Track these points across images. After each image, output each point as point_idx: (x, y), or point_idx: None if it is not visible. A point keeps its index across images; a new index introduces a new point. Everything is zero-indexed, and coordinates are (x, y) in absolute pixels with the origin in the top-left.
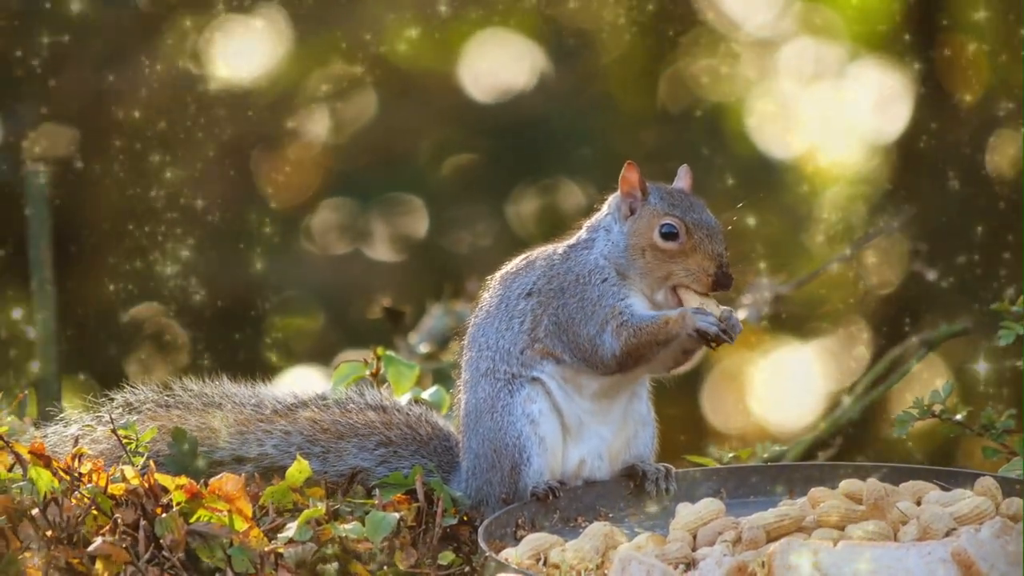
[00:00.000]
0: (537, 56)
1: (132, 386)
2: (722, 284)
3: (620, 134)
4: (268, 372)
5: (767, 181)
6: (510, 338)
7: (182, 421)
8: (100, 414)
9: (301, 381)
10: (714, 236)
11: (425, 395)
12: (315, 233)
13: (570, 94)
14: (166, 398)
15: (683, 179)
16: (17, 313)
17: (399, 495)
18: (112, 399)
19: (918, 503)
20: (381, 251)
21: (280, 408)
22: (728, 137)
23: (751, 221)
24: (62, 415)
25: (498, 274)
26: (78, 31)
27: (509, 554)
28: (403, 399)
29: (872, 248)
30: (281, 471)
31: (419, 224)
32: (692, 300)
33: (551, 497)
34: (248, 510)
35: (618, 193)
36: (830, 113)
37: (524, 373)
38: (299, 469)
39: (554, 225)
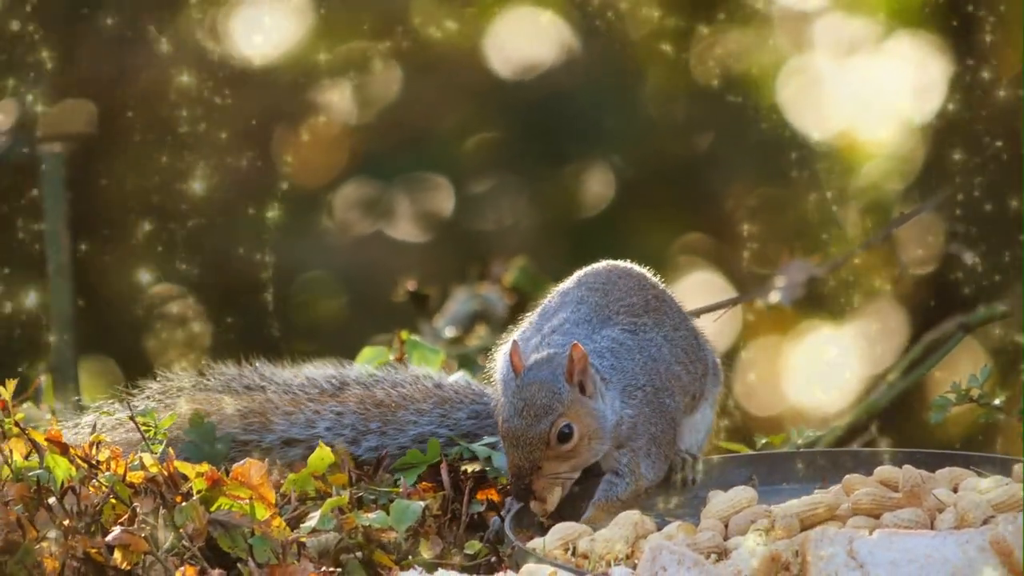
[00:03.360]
0: (564, 31)
1: (166, 373)
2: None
3: (650, 110)
4: (290, 355)
5: (800, 158)
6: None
7: (223, 404)
8: (131, 400)
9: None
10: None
11: (449, 381)
12: (338, 213)
13: (599, 70)
14: (205, 382)
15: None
16: (33, 297)
17: (425, 484)
18: (144, 387)
19: (955, 490)
20: (405, 232)
21: (328, 388)
22: (761, 113)
23: (784, 200)
24: (95, 404)
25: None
26: (94, 5)
27: (537, 543)
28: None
29: (908, 229)
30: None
31: (444, 204)
32: None
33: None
34: (271, 497)
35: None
36: (864, 89)
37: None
38: (321, 456)
39: (582, 204)
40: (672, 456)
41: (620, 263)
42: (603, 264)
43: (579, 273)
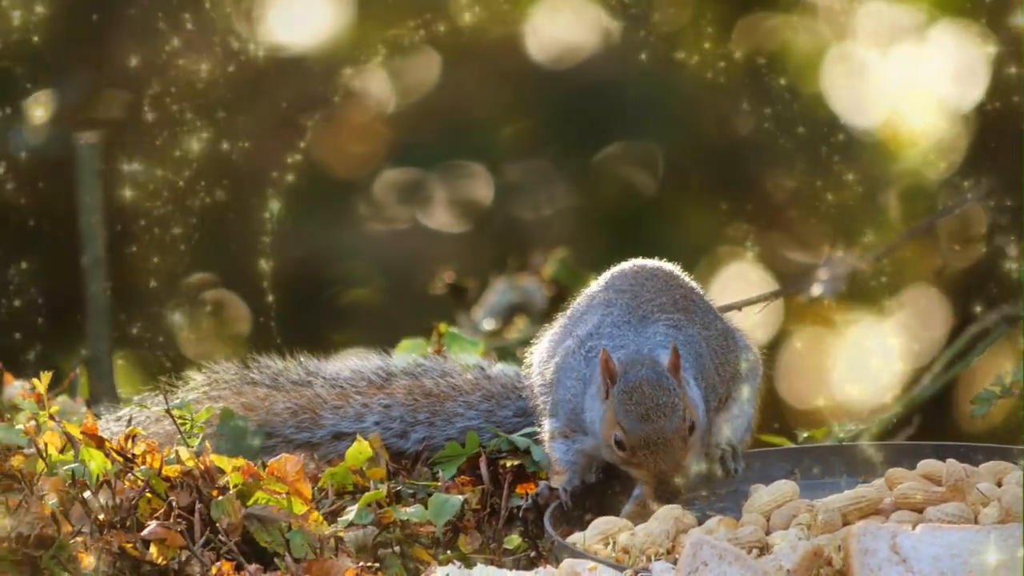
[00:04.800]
0: (603, 17)
1: (211, 367)
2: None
3: (691, 98)
4: (329, 346)
5: (843, 147)
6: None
7: (272, 401)
8: (172, 393)
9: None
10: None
11: (495, 371)
12: (374, 203)
13: (639, 56)
14: (251, 376)
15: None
16: (69, 290)
17: (463, 477)
18: (189, 379)
19: (999, 484)
20: (443, 221)
21: (375, 379)
22: (803, 100)
23: (827, 190)
24: (138, 396)
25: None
26: None
27: (577, 538)
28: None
29: (951, 220)
30: (384, 448)
31: (482, 194)
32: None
33: None
34: (307, 492)
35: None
36: (908, 77)
37: None
38: (359, 450)
39: (622, 193)
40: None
41: (648, 263)
42: (629, 265)
43: (605, 275)
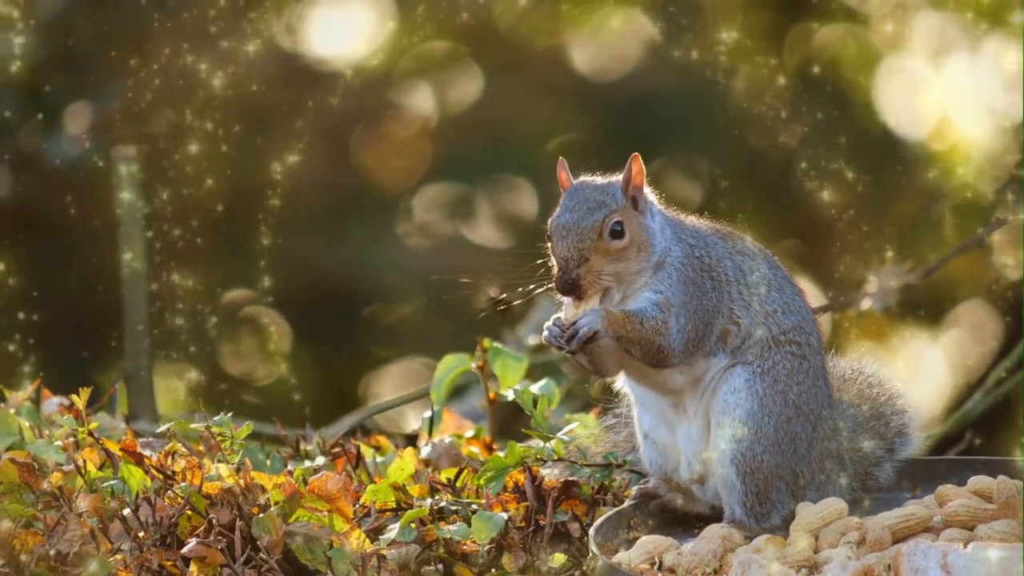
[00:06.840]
0: (650, 29)
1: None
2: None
3: (738, 109)
4: (372, 361)
5: (894, 159)
6: None
7: None
8: None
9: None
10: (568, 237)
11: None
12: (418, 218)
13: (686, 69)
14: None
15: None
16: (107, 304)
17: (507, 494)
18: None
19: None
20: (488, 236)
21: None
22: (853, 112)
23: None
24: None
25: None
26: (170, 6)
27: (623, 557)
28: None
29: (1003, 233)
30: None
31: (527, 208)
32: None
33: None
34: (349, 510)
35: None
36: (960, 89)
37: None
38: (401, 466)
39: (670, 206)
40: (701, 344)
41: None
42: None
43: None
